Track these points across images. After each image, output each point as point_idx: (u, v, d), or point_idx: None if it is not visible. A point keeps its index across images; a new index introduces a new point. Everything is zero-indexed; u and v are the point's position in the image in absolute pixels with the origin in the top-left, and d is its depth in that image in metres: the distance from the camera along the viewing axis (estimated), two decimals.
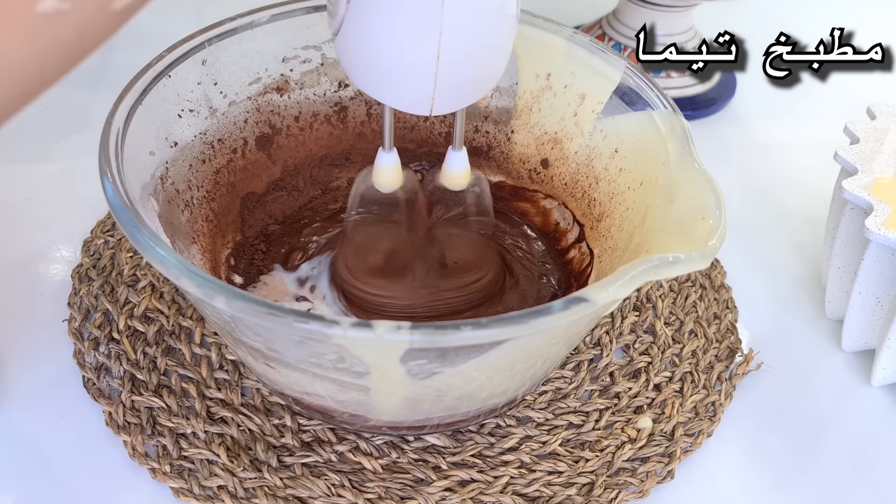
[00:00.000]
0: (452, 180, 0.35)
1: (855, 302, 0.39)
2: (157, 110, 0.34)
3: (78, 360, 0.37)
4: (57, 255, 0.42)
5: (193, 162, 0.36)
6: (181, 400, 0.35)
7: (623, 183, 0.36)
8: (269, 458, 0.33)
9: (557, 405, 0.37)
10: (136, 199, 0.29)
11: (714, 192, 0.29)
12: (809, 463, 0.36)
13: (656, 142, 0.34)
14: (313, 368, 0.28)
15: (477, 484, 0.33)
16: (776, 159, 0.54)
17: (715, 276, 0.44)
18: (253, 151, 0.39)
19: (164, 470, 0.33)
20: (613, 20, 0.57)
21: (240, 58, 0.37)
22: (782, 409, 0.38)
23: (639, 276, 0.26)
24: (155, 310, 0.38)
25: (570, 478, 0.34)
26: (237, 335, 0.29)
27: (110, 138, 0.30)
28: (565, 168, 0.40)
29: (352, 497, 0.32)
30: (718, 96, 0.58)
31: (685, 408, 0.37)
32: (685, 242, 0.28)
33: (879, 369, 0.39)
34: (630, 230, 0.34)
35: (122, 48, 0.58)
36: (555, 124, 0.39)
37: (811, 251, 0.47)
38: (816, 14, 0.68)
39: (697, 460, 0.36)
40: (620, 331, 0.40)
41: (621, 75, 0.36)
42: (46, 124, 0.51)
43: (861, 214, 0.38)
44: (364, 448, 0.34)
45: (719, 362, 0.40)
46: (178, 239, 0.33)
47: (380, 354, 0.26)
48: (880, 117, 0.41)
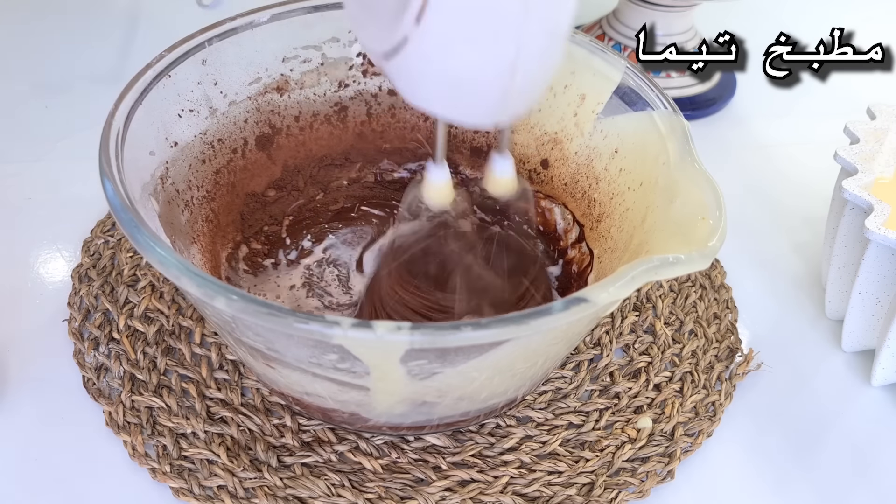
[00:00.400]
0: (499, 186, 0.33)
1: (855, 302, 0.39)
2: (157, 110, 0.34)
3: (78, 360, 0.37)
4: (57, 255, 0.42)
5: (193, 162, 0.36)
6: (181, 400, 0.35)
7: (623, 183, 0.36)
8: (269, 458, 0.33)
9: (557, 405, 0.37)
10: (136, 199, 0.29)
11: (714, 193, 0.29)
12: (809, 463, 0.36)
13: (656, 142, 0.34)
14: (313, 368, 0.28)
15: (477, 484, 0.33)
16: (776, 159, 0.54)
17: (715, 276, 0.44)
18: (253, 151, 0.39)
19: (164, 470, 0.33)
20: (613, 20, 0.57)
21: (240, 58, 0.37)
22: (782, 409, 0.38)
23: (639, 277, 0.26)
24: (155, 310, 0.38)
25: (570, 478, 0.34)
26: (237, 335, 0.29)
27: (110, 138, 0.30)
28: (565, 168, 0.40)
29: (352, 497, 0.32)
30: (718, 96, 0.58)
31: (685, 408, 0.37)
32: (685, 243, 0.28)
33: (879, 369, 0.39)
34: (630, 230, 0.34)
35: (123, 48, 0.59)
36: (555, 124, 0.39)
37: (811, 251, 0.47)
38: (816, 14, 0.68)
39: (697, 460, 0.36)
40: (620, 331, 0.40)
41: (621, 75, 0.36)
42: (46, 124, 0.51)
43: (861, 214, 0.38)
44: (364, 448, 0.34)
45: (719, 362, 0.40)
46: (178, 239, 0.33)
47: (380, 355, 0.26)
48: (880, 117, 0.41)
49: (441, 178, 0.32)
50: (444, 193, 0.33)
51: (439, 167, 0.32)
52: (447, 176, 0.32)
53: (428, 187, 0.32)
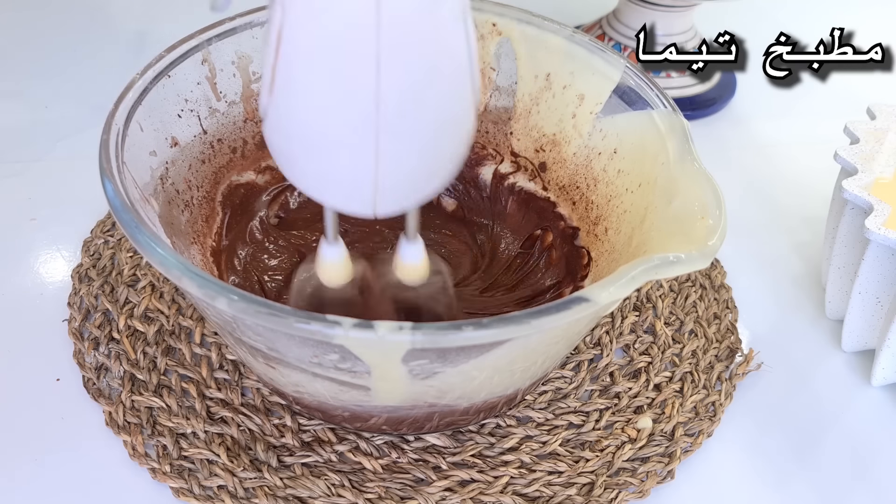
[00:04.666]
0: (408, 273, 0.31)
1: (855, 302, 0.39)
2: (157, 110, 0.34)
3: (78, 360, 0.37)
4: (57, 255, 0.42)
5: (193, 162, 0.36)
6: (181, 400, 0.35)
7: (621, 185, 0.36)
8: (269, 458, 0.33)
9: (557, 405, 0.37)
10: (136, 199, 0.29)
11: (714, 192, 0.29)
12: (809, 463, 0.36)
13: (656, 141, 0.34)
14: (314, 368, 0.28)
15: (477, 484, 0.33)
16: (776, 159, 0.54)
17: (715, 276, 0.44)
18: (253, 151, 0.39)
19: (164, 470, 0.33)
20: (613, 20, 0.57)
21: (239, 58, 0.37)
22: (782, 409, 0.38)
23: (639, 276, 0.26)
24: (155, 310, 0.38)
25: (570, 478, 0.34)
26: (238, 335, 0.29)
27: (110, 138, 0.30)
28: (563, 171, 0.40)
29: (352, 497, 0.32)
30: (718, 96, 0.58)
31: (685, 408, 0.37)
32: (685, 242, 0.28)
33: (879, 369, 0.39)
34: (628, 232, 0.34)
35: (123, 48, 0.59)
36: (553, 126, 0.39)
37: (811, 251, 0.47)
38: (816, 14, 0.68)
39: (697, 460, 0.36)
40: (620, 331, 0.40)
41: (620, 74, 0.36)
42: (46, 124, 0.51)
43: (861, 214, 0.38)
44: (364, 448, 0.34)
45: (719, 362, 0.40)
46: (178, 239, 0.33)
47: (381, 355, 0.26)
48: (880, 117, 0.41)
49: (335, 256, 0.30)
50: (341, 272, 0.30)
51: (333, 245, 0.30)
52: (343, 254, 0.30)
53: (322, 266, 0.30)
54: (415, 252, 0.30)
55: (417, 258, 0.30)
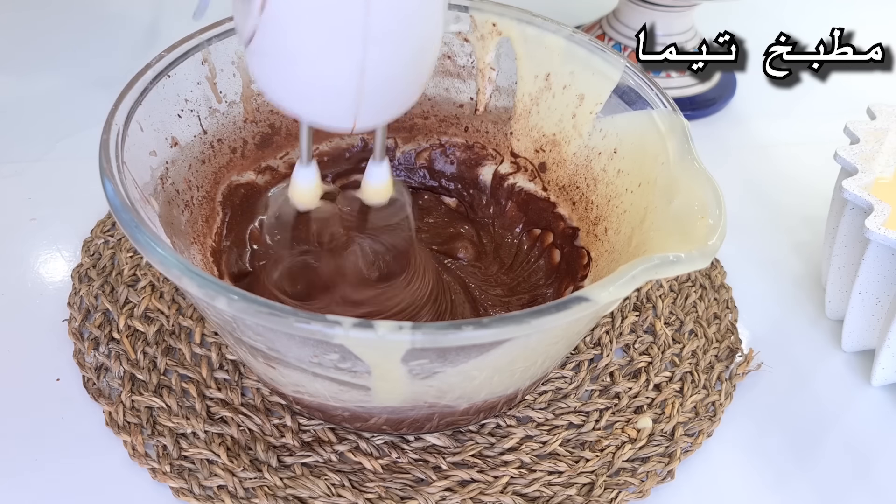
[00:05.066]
0: (373, 194, 0.32)
1: (855, 302, 0.39)
2: (157, 110, 0.34)
3: (78, 360, 0.37)
4: (57, 255, 0.42)
5: (193, 162, 0.36)
6: (181, 400, 0.35)
7: (621, 185, 0.36)
8: (269, 458, 0.33)
9: (557, 405, 0.37)
10: (136, 199, 0.29)
11: (714, 191, 0.29)
12: (809, 463, 0.36)
13: (656, 141, 0.34)
14: (314, 368, 0.28)
15: (477, 484, 0.33)
16: (776, 159, 0.54)
17: (715, 276, 0.44)
18: (253, 151, 0.39)
19: (164, 470, 0.33)
20: (613, 20, 0.57)
21: (239, 57, 0.37)
22: (782, 409, 0.38)
23: (639, 276, 0.26)
24: (155, 310, 0.38)
25: (570, 478, 0.34)
26: (238, 335, 0.29)
27: (110, 138, 0.30)
28: (563, 171, 0.40)
29: (352, 497, 0.32)
30: (718, 96, 0.58)
31: (685, 408, 0.37)
32: (685, 241, 0.28)
33: (879, 369, 0.39)
34: (628, 232, 0.34)
35: (123, 48, 0.59)
36: (553, 126, 0.39)
37: (811, 251, 0.47)
38: (816, 14, 0.68)
39: (697, 460, 0.36)
40: (620, 331, 0.40)
41: (620, 74, 0.36)
42: (46, 124, 0.51)
43: (861, 214, 0.38)
44: (364, 448, 0.34)
45: (719, 362, 0.40)
46: (178, 239, 0.33)
47: (381, 354, 0.26)
48: (880, 117, 0.41)
49: (308, 179, 0.31)
50: (311, 195, 0.32)
51: (306, 168, 0.31)
52: (315, 177, 0.31)
53: (294, 189, 0.32)
54: (381, 172, 0.32)
55: (384, 178, 0.32)
